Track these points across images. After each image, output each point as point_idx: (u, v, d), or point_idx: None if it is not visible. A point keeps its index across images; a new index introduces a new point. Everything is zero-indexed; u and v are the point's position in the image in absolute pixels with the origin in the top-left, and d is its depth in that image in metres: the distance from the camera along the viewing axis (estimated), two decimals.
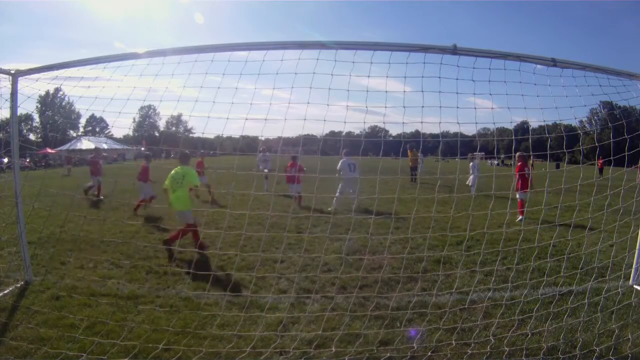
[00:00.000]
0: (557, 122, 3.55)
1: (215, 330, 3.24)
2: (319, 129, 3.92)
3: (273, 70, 3.14)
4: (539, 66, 3.20)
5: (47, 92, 63.02)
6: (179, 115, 71.21)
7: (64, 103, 64.47)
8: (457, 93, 3.23)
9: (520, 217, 7.84)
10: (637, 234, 4.23)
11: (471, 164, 13.48)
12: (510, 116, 3.70)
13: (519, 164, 8.29)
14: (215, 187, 10.93)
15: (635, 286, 4.30)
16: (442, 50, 3.04)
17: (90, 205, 9.58)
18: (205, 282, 4.30)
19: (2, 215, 4.64)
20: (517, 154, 8.05)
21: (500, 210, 4.95)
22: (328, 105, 3.25)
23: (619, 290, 3.95)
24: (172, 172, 5.62)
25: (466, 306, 3.75)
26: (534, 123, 3.97)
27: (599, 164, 8.88)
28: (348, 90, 3.26)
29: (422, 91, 3.22)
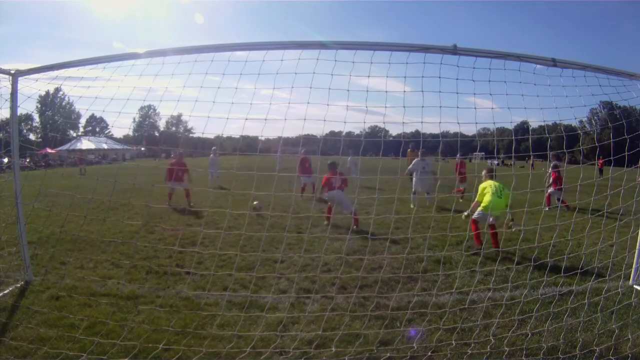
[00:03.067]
0: (557, 122, 3.55)
1: (215, 330, 3.24)
2: (319, 129, 3.92)
3: (273, 70, 3.14)
4: (539, 66, 3.20)
5: (47, 92, 63.16)
6: (179, 115, 71.37)
7: (64, 103, 64.60)
8: (457, 93, 3.23)
9: (547, 207, 8.57)
10: (637, 234, 4.23)
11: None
12: (510, 116, 3.69)
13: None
14: (215, 188, 10.94)
15: (635, 286, 4.29)
16: (442, 50, 3.04)
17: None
18: (205, 282, 4.31)
19: (2, 215, 4.63)
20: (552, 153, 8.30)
21: (499, 210, 4.96)
22: (328, 105, 3.26)
23: (619, 290, 3.94)
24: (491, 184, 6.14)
25: (466, 306, 3.75)
26: (534, 123, 3.97)
27: (599, 164, 8.93)
28: (348, 90, 3.26)
29: (422, 91, 3.22)
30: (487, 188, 6.18)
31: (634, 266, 4.34)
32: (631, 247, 4.32)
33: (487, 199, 5.99)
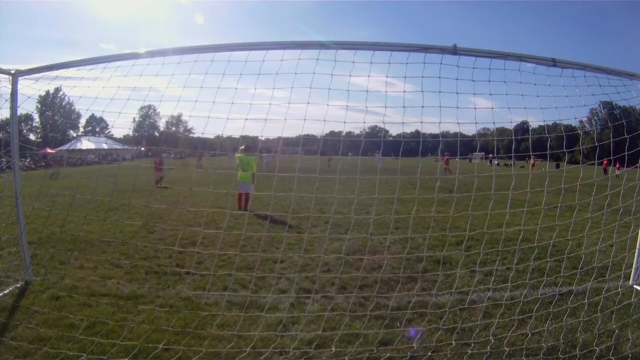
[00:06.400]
0: (557, 122, 3.55)
1: (215, 330, 3.24)
2: (318, 129, 3.92)
3: (273, 71, 3.14)
4: (539, 66, 3.20)
5: (47, 92, 63.03)
6: (179, 115, 71.15)
7: (64, 103, 64.47)
8: (457, 93, 3.22)
9: None
10: (637, 234, 4.23)
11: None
12: (510, 116, 3.69)
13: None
14: (216, 187, 10.89)
15: (635, 286, 4.29)
16: (442, 50, 3.03)
17: None
18: (205, 282, 4.31)
19: (2, 215, 4.63)
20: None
21: (499, 210, 4.96)
22: (328, 105, 3.26)
23: (619, 290, 3.95)
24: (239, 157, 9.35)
25: (466, 306, 3.75)
26: (534, 123, 3.97)
27: (604, 164, 9.01)
28: (348, 91, 3.26)
29: (422, 91, 3.22)
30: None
31: (634, 266, 4.33)
32: (631, 247, 4.32)
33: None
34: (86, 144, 47.89)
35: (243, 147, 9.58)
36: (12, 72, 3.88)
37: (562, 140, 3.67)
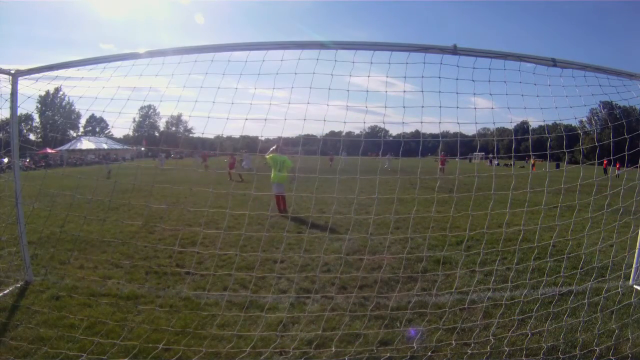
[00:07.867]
0: (557, 122, 3.55)
1: (215, 330, 3.24)
2: (318, 129, 3.93)
3: (273, 71, 3.14)
4: (539, 66, 3.20)
5: (47, 92, 62.99)
6: (179, 115, 71.14)
7: (64, 103, 64.46)
8: (457, 93, 3.23)
9: None
10: (637, 234, 4.23)
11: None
12: (510, 116, 3.68)
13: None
14: (216, 187, 10.89)
15: (635, 286, 4.29)
16: (442, 50, 3.03)
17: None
18: (205, 282, 4.31)
19: (2, 215, 4.63)
20: None
21: (500, 210, 4.96)
22: (328, 105, 3.26)
23: (619, 290, 3.94)
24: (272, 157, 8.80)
25: (466, 306, 3.75)
26: (534, 123, 3.97)
27: (604, 164, 9.02)
28: (348, 91, 3.26)
29: (422, 91, 3.22)
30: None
31: (634, 266, 4.33)
32: (631, 247, 4.32)
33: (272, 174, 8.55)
34: (86, 144, 47.90)
35: (274, 147, 8.85)
36: (12, 72, 3.88)
37: (562, 140, 3.66)
